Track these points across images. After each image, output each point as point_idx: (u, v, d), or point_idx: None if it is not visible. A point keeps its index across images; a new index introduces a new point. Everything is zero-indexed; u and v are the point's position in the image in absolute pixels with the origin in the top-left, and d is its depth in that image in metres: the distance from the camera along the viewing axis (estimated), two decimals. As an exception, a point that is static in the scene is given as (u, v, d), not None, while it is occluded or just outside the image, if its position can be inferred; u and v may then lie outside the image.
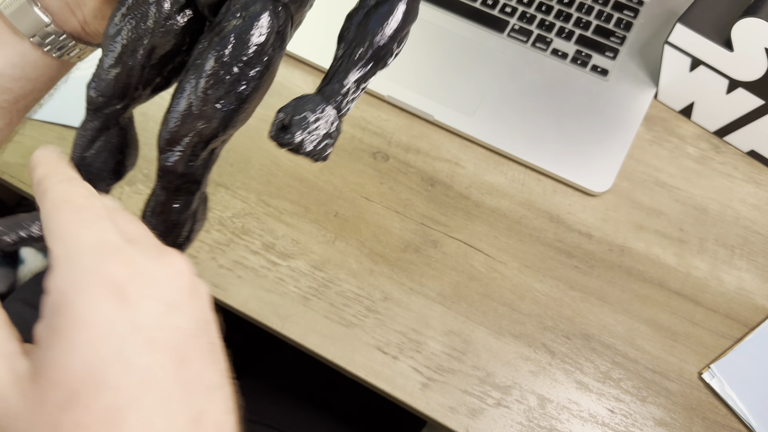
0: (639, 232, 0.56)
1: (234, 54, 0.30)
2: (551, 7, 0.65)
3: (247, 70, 0.30)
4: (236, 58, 0.30)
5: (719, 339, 0.52)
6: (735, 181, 0.58)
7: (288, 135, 0.29)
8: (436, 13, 0.65)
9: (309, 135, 0.30)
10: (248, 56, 0.30)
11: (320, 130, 0.30)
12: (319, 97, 0.31)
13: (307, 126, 0.30)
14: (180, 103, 0.31)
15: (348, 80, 0.31)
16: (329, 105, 0.31)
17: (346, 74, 0.31)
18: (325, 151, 0.30)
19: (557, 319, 0.52)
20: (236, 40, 0.30)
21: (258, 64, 0.30)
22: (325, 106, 0.30)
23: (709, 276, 0.54)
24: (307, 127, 0.30)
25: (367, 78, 0.32)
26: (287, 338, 0.52)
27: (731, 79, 0.55)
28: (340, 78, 0.31)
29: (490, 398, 0.50)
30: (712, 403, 0.50)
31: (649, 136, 0.60)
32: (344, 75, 0.31)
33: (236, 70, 0.30)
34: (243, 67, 0.30)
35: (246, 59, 0.30)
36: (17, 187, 0.57)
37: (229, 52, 0.30)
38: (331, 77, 0.31)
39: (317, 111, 0.30)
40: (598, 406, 0.50)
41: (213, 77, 0.30)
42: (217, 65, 0.30)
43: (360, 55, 0.31)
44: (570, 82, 0.62)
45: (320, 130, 0.30)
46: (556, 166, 0.58)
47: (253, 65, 0.30)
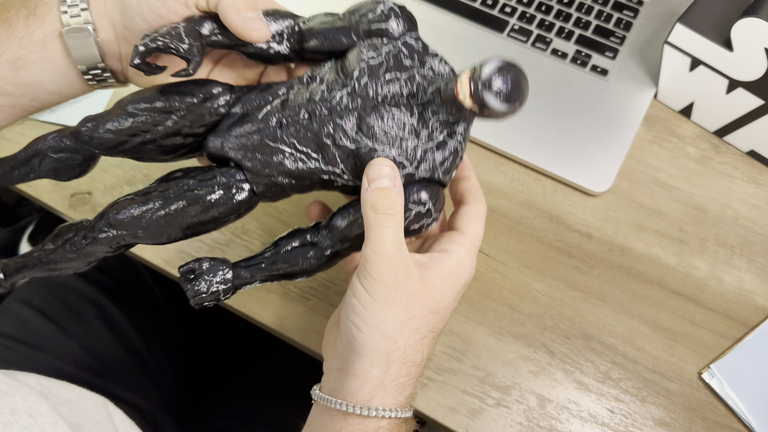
0: (639, 232, 0.56)
1: (195, 211, 0.39)
2: (551, 7, 0.65)
3: (196, 218, 0.40)
4: (196, 215, 0.40)
5: (719, 339, 0.52)
6: (735, 181, 0.58)
7: (189, 285, 0.40)
8: (435, 13, 0.65)
9: (199, 289, 0.40)
10: (204, 216, 0.40)
11: (211, 292, 0.40)
12: (230, 273, 0.40)
13: (204, 288, 0.40)
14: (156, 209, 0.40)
15: (260, 277, 0.41)
16: (232, 283, 0.40)
17: (261, 273, 0.41)
18: (201, 305, 0.40)
19: (557, 319, 0.52)
20: (201, 206, 0.39)
21: (208, 223, 0.40)
22: (229, 283, 0.40)
23: (709, 276, 0.54)
24: (204, 289, 0.40)
25: (273, 281, 0.42)
26: (287, 338, 0.52)
27: (731, 79, 0.55)
28: (255, 273, 0.41)
29: (489, 398, 0.50)
30: (712, 403, 0.50)
31: (649, 136, 0.60)
32: (259, 273, 0.41)
33: (190, 219, 0.40)
34: (197, 216, 0.40)
35: (202, 218, 0.40)
36: (17, 188, 0.57)
37: (192, 209, 0.39)
38: (251, 266, 0.41)
39: (219, 280, 0.40)
40: (598, 406, 0.50)
41: (178, 212, 0.40)
42: (183, 205, 0.39)
43: (278, 270, 0.41)
44: (570, 82, 0.62)
45: (211, 292, 0.40)
46: (556, 166, 0.57)
47: (204, 222, 0.40)
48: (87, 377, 0.59)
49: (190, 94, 0.40)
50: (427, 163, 0.39)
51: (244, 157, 0.39)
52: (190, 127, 0.40)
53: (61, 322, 0.63)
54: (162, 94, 0.40)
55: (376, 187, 0.37)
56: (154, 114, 0.40)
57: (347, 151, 0.39)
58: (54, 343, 0.61)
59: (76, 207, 0.56)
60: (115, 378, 0.62)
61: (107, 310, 0.65)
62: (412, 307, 0.37)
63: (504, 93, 0.35)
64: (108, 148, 0.41)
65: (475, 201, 0.43)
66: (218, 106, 0.40)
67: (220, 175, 0.40)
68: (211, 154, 0.41)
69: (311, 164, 0.39)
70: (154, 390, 0.64)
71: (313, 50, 0.41)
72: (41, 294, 0.65)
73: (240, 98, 0.41)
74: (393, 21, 0.40)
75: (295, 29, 0.41)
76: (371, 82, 0.39)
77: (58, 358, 0.60)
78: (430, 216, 0.40)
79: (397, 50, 0.40)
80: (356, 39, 0.40)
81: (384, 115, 0.38)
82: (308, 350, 0.52)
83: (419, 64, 0.40)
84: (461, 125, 0.39)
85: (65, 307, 0.64)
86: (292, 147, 0.39)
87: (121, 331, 0.65)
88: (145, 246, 0.55)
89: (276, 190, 0.41)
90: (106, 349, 0.63)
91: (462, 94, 0.36)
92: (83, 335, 0.63)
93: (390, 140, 0.38)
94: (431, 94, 0.38)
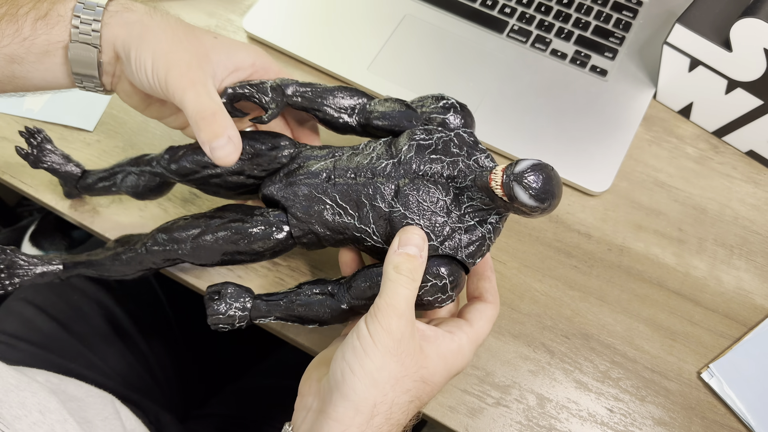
0: (638, 231, 0.56)
1: (235, 239, 0.44)
2: (550, 8, 0.65)
3: (235, 246, 0.45)
4: (236, 243, 0.45)
5: (718, 338, 0.52)
6: (734, 181, 0.58)
7: (212, 304, 0.44)
8: (435, 14, 0.65)
9: (219, 309, 0.44)
10: (242, 246, 0.45)
11: (228, 315, 0.44)
12: (250, 303, 0.44)
13: (223, 310, 0.44)
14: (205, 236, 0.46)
15: (276, 314, 0.45)
16: (249, 313, 0.44)
17: (278, 311, 0.44)
18: (216, 327, 0.44)
19: (556, 318, 0.53)
20: (242, 236, 0.44)
21: (244, 253, 0.45)
22: (246, 312, 0.44)
23: (708, 276, 0.54)
24: (223, 311, 0.44)
25: (287, 321, 0.45)
26: (287, 338, 0.52)
27: (730, 79, 0.55)
28: (272, 309, 0.44)
29: (489, 397, 0.50)
30: (711, 403, 0.50)
31: (648, 136, 0.60)
32: (276, 310, 0.44)
33: (229, 247, 0.45)
34: (236, 245, 0.45)
35: (240, 248, 0.45)
36: (18, 188, 0.58)
37: (234, 237, 0.44)
38: (270, 301, 0.45)
39: (239, 306, 0.44)
40: (597, 406, 0.50)
41: (221, 238, 0.45)
42: (227, 234, 0.45)
43: (294, 312, 0.44)
44: (569, 82, 0.62)
45: (228, 315, 0.44)
46: (556, 166, 0.57)
47: (241, 252, 0.45)
48: (89, 375, 0.59)
49: (261, 142, 0.46)
50: (452, 242, 0.42)
51: (291, 202, 0.44)
52: (253, 170, 0.46)
53: (64, 321, 0.63)
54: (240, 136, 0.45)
55: (404, 251, 0.39)
56: None
57: (381, 213, 0.42)
58: (57, 342, 0.62)
59: (76, 207, 0.57)
60: (117, 376, 0.62)
61: (110, 310, 0.65)
62: (409, 366, 0.38)
63: (533, 189, 0.38)
64: (181, 174, 0.47)
65: (491, 301, 0.44)
66: (281, 156, 0.46)
67: (266, 214, 0.45)
68: (264, 196, 0.46)
69: (347, 219, 0.43)
70: (157, 389, 0.65)
71: (376, 127, 0.46)
72: (44, 293, 0.66)
73: (300, 153, 0.46)
74: (452, 114, 0.45)
75: (366, 107, 0.47)
76: (416, 157, 0.43)
77: (61, 357, 0.61)
78: (445, 293, 0.42)
79: (448, 138, 0.44)
80: (415, 123, 0.45)
81: (421, 188, 0.42)
82: (309, 350, 0.52)
83: (466, 155, 0.43)
84: (494, 216, 0.42)
85: (68, 306, 0.64)
86: (333, 201, 0.43)
87: (123, 331, 0.65)
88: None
89: (311, 238, 0.45)
90: (109, 347, 0.63)
91: (494, 182, 0.39)
92: (86, 334, 0.63)
93: (421, 211, 0.42)
94: (470, 181, 0.42)
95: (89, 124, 0.60)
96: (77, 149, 0.59)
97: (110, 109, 0.61)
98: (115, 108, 0.61)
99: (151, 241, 0.46)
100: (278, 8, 0.65)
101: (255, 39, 0.64)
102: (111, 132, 0.60)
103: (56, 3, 0.41)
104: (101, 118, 0.60)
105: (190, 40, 0.42)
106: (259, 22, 0.64)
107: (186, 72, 0.41)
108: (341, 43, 0.63)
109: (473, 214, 0.42)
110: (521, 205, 0.39)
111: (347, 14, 0.65)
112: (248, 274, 0.54)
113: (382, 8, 0.65)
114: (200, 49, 0.42)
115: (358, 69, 0.62)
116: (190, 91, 0.40)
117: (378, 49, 0.63)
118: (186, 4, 0.67)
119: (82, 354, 0.62)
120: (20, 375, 0.46)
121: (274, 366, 0.72)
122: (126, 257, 0.47)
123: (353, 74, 0.62)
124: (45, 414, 0.44)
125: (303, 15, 0.65)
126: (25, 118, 0.60)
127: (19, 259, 0.48)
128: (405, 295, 0.38)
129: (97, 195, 0.53)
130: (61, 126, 0.60)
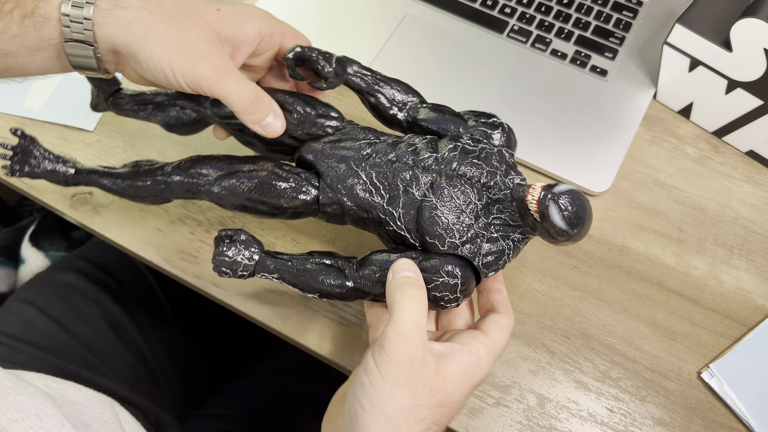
0: (638, 231, 0.56)
1: (264, 187, 0.45)
2: (550, 8, 0.65)
3: (261, 195, 0.46)
4: (263, 192, 0.45)
5: (718, 338, 0.52)
6: (734, 181, 0.58)
7: (221, 246, 0.44)
8: (435, 14, 0.65)
9: (226, 252, 0.44)
10: (267, 196, 0.45)
11: (234, 260, 0.44)
12: (258, 256, 0.44)
13: (231, 254, 0.44)
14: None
15: (281, 275, 0.45)
16: (255, 265, 0.44)
17: (284, 272, 0.44)
18: (219, 270, 0.44)
19: (556, 318, 0.53)
20: (270, 186, 0.45)
21: (268, 205, 0.46)
22: (252, 262, 0.44)
23: (707, 276, 0.54)
24: (230, 255, 0.44)
25: (288, 284, 0.45)
26: (287, 338, 0.52)
27: (730, 79, 0.55)
28: (279, 268, 0.44)
29: (489, 397, 0.50)
30: (711, 403, 0.50)
31: (648, 136, 0.60)
32: (282, 270, 0.44)
33: (256, 195, 0.46)
34: (262, 194, 0.46)
35: (265, 198, 0.45)
36: (17, 187, 0.58)
37: (263, 184, 0.45)
38: (278, 260, 0.45)
39: (246, 255, 0.44)
40: (597, 406, 0.50)
41: (250, 180, 0.46)
42: (257, 180, 0.45)
43: (300, 276, 0.44)
44: (569, 82, 0.62)
45: (234, 260, 0.44)
46: (556, 166, 0.58)
47: (265, 203, 0.46)
48: (89, 377, 0.59)
49: (312, 106, 0.47)
50: (473, 246, 0.43)
51: (327, 169, 0.45)
52: (297, 131, 0.47)
53: (63, 321, 0.63)
54: (291, 96, 0.47)
55: (402, 276, 0.39)
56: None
57: (413, 200, 0.43)
58: (56, 343, 0.62)
59: (77, 207, 0.57)
60: (118, 377, 0.62)
61: (110, 310, 0.65)
62: (421, 395, 0.37)
63: (567, 211, 0.39)
64: (223, 116, 0.48)
65: (505, 312, 0.44)
66: (327, 126, 0.47)
67: (300, 173, 0.46)
68: (301, 158, 0.47)
69: (376, 199, 0.44)
70: (156, 389, 0.65)
71: (424, 126, 0.47)
72: (43, 294, 0.65)
73: (345, 127, 0.47)
74: (498, 132, 0.46)
75: (417, 106, 0.48)
76: (459, 157, 0.44)
77: (61, 358, 0.60)
78: (453, 293, 0.42)
79: (491, 152, 0.45)
80: (462, 131, 0.46)
81: (456, 186, 0.43)
82: (309, 350, 0.52)
83: (504, 172, 0.44)
84: (518, 234, 0.43)
85: (68, 307, 0.64)
86: (368, 178, 0.44)
87: (123, 331, 0.65)
88: (147, 246, 0.55)
89: (335, 209, 0.45)
90: (109, 348, 0.63)
91: (531, 196, 0.40)
92: (86, 335, 0.63)
93: (452, 207, 0.43)
94: (503, 194, 0.43)
95: (89, 124, 0.60)
96: (77, 149, 0.59)
97: (110, 109, 0.61)
98: (115, 108, 0.61)
99: (176, 168, 0.47)
100: (278, 8, 0.65)
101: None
102: (111, 132, 0.60)
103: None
104: (101, 118, 0.61)
105: (196, 23, 0.41)
106: (259, 22, 0.64)
107: (212, 64, 0.41)
108: (341, 43, 0.63)
109: (499, 227, 0.43)
110: (551, 225, 0.40)
111: (347, 14, 0.65)
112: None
113: (382, 8, 0.66)
114: (209, 30, 0.42)
115: (358, 69, 0.62)
116: (227, 82, 0.41)
117: (378, 49, 0.63)
118: (186, 4, 0.67)
119: (82, 355, 0.62)
120: (17, 379, 0.46)
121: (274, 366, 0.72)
122: (144, 177, 0.48)
123: (353, 74, 0.62)
124: (42, 418, 0.44)
125: (303, 15, 0.65)
126: (25, 118, 0.61)
127: (36, 150, 0.50)
128: (412, 318, 0.37)
129: (124, 114, 0.52)
130: (62, 126, 0.60)
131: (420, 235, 0.43)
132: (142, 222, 0.56)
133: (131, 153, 0.59)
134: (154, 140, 0.60)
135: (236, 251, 0.44)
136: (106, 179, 0.49)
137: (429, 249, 0.43)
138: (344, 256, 0.46)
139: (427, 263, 0.42)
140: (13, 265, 0.94)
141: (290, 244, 0.55)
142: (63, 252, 0.84)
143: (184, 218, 0.56)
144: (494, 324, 0.42)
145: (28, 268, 0.83)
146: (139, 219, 0.56)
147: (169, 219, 0.56)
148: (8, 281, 0.86)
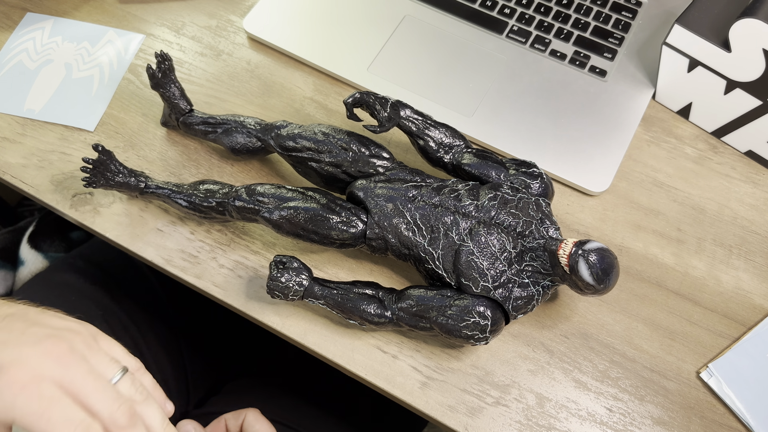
0: (637, 231, 0.56)
1: (316, 219, 0.49)
2: (550, 9, 0.65)
3: (313, 226, 0.49)
4: (315, 224, 0.49)
5: (717, 338, 0.52)
6: (732, 181, 0.58)
7: (275, 271, 0.48)
8: (435, 15, 0.65)
9: (279, 278, 0.48)
10: (318, 227, 0.49)
11: (285, 286, 0.48)
12: (308, 282, 0.48)
13: (284, 280, 0.48)
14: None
15: (326, 301, 0.49)
16: (304, 290, 0.48)
17: (330, 299, 0.49)
18: (272, 293, 0.48)
19: (555, 318, 0.53)
20: (322, 218, 0.49)
21: (318, 235, 0.49)
22: (302, 288, 0.48)
23: (707, 275, 0.54)
24: (282, 281, 0.48)
25: (331, 309, 0.49)
26: (287, 338, 0.52)
27: (729, 79, 0.55)
28: (325, 294, 0.49)
29: (489, 397, 0.50)
30: (710, 402, 0.50)
31: (647, 137, 0.60)
32: (328, 297, 0.49)
33: (309, 225, 0.49)
34: (314, 225, 0.49)
35: (316, 228, 0.49)
36: (18, 188, 0.58)
37: (315, 216, 0.49)
38: (325, 287, 0.49)
39: (297, 281, 0.48)
40: (597, 405, 0.50)
41: (305, 211, 0.49)
42: (311, 213, 0.49)
43: (344, 303, 0.49)
44: (568, 82, 0.62)
45: (285, 286, 0.48)
46: (555, 167, 0.58)
47: (316, 233, 0.49)
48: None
49: (366, 147, 0.51)
50: (504, 290, 0.47)
51: (375, 206, 0.49)
52: (350, 168, 0.51)
53: (62, 321, 0.63)
54: (349, 135, 0.51)
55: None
56: (335, 142, 0.51)
57: (452, 242, 0.48)
58: None
59: (77, 207, 0.57)
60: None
61: (108, 309, 0.65)
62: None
63: (595, 268, 0.43)
64: (285, 148, 0.53)
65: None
66: (379, 165, 0.51)
67: (351, 208, 0.50)
68: (351, 193, 0.51)
69: (418, 239, 0.48)
70: (156, 389, 0.65)
71: (467, 170, 0.51)
72: (42, 293, 0.65)
73: (395, 168, 0.51)
74: (537, 182, 0.50)
75: (463, 150, 0.52)
76: (497, 206, 0.48)
77: (60, 358, 0.60)
78: (483, 333, 0.46)
79: (528, 201, 0.49)
80: (503, 179, 0.50)
81: (493, 233, 0.47)
82: (309, 350, 0.52)
83: (539, 221, 0.48)
84: (547, 281, 0.47)
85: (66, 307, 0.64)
86: (412, 219, 0.48)
87: (122, 331, 0.65)
88: (147, 246, 0.55)
89: (380, 244, 0.49)
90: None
91: (563, 251, 0.44)
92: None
93: (487, 254, 0.47)
94: (537, 243, 0.47)
95: (90, 124, 0.60)
96: (78, 149, 0.59)
97: (111, 109, 0.61)
98: (115, 108, 0.61)
99: (239, 192, 0.50)
100: (279, 9, 0.65)
101: (255, 39, 0.65)
102: (111, 132, 0.60)
103: None
104: (102, 119, 0.61)
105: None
106: (260, 23, 0.64)
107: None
108: (341, 43, 0.64)
109: (531, 273, 0.47)
110: (579, 279, 0.43)
111: (347, 15, 0.65)
112: (248, 274, 0.54)
113: (382, 9, 0.66)
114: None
115: (358, 70, 0.62)
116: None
117: (378, 49, 0.63)
118: (186, 5, 0.67)
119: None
120: None
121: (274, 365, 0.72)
122: (210, 198, 0.51)
123: (353, 75, 0.62)
124: None
125: (303, 15, 0.65)
126: (25, 118, 0.61)
127: (112, 164, 0.53)
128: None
129: (192, 134, 0.57)
130: (62, 126, 0.60)
131: (456, 276, 0.47)
132: (142, 222, 0.56)
133: (131, 153, 0.59)
134: (154, 141, 0.60)
135: (288, 277, 0.48)
136: (173, 197, 0.53)
137: (464, 290, 0.47)
138: (385, 287, 0.49)
139: (461, 302, 0.46)
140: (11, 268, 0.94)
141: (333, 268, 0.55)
142: (62, 253, 0.84)
143: (184, 218, 0.56)
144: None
145: (27, 269, 0.83)
146: (140, 219, 0.56)
147: (170, 219, 0.56)
148: (6, 283, 0.86)
